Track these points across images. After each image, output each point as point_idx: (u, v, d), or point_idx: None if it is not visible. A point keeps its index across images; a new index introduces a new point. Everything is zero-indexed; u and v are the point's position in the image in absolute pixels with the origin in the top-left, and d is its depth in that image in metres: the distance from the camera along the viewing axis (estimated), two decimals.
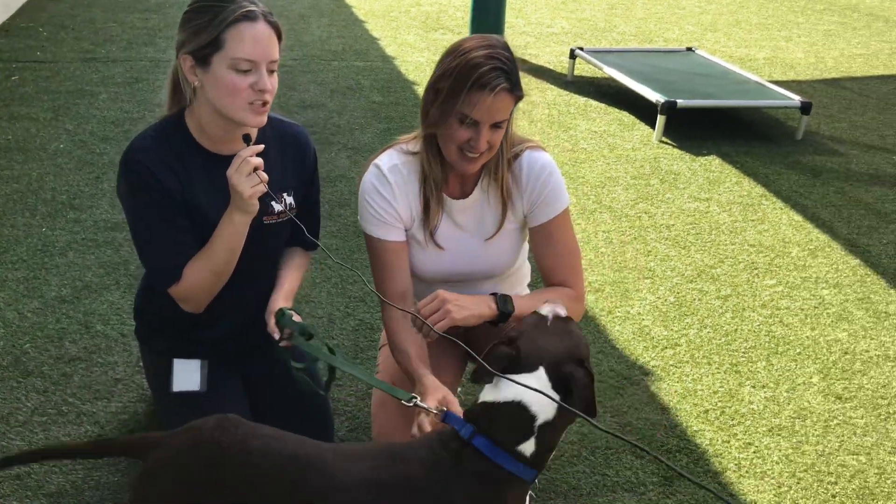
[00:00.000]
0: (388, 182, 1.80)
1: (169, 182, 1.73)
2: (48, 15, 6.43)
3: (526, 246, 1.98)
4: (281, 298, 1.89)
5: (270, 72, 1.69)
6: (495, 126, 1.69)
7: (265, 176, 1.66)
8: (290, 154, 1.91)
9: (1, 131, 4.13)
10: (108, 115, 4.42)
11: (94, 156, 3.91)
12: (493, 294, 1.75)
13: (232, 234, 1.72)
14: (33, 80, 4.92)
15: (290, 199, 1.90)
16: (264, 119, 1.73)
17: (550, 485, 2.11)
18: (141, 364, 2.43)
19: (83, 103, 4.59)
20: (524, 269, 2.04)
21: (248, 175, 1.63)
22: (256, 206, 1.68)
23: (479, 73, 1.63)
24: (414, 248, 1.87)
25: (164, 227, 1.75)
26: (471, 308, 1.70)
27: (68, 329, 2.61)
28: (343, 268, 3.08)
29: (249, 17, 1.65)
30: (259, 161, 1.64)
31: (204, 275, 1.75)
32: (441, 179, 1.80)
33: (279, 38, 1.72)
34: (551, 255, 1.85)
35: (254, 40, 1.64)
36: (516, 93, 1.69)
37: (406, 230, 1.85)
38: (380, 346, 2.04)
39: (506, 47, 1.69)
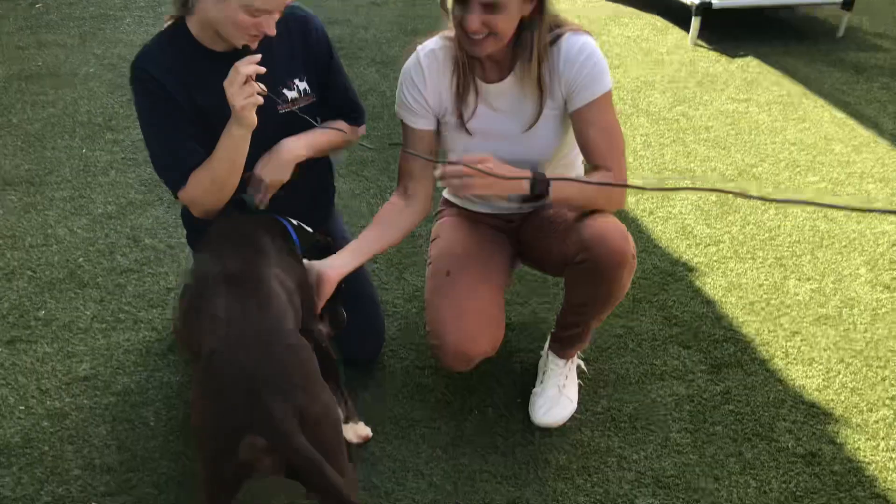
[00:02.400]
0: (422, 69, 1.82)
1: (174, 88, 1.73)
2: None
3: (576, 152, 1.96)
4: (301, 144, 1.85)
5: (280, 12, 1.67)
6: (488, 7, 1.63)
7: (259, 87, 1.63)
8: (295, 39, 1.87)
9: (31, 58, 4.13)
10: (134, 39, 4.39)
11: (124, 79, 3.87)
12: (535, 173, 1.72)
13: (231, 146, 1.71)
14: (56, 6, 4.89)
15: (303, 85, 1.88)
16: (256, 43, 1.71)
17: (599, 374, 2.14)
18: None
19: (108, 28, 4.56)
20: (576, 164, 2.01)
21: (242, 86, 1.60)
22: (252, 118, 1.66)
23: None
24: (449, 134, 1.88)
25: (170, 133, 1.76)
26: (500, 187, 1.68)
27: (117, 243, 2.66)
28: (381, 178, 3.09)
29: None
30: (252, 70, 1.60)
31: (206, 183, 1.76)
32: (470, 63, 1.78)
33: None
34: (592, 138, 1.79)
35: None
36: None
37: (437, 118, 1.86)
38: (431, 239, 2.05)
39: None
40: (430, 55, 1.81)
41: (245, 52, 1.67)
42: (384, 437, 1.95)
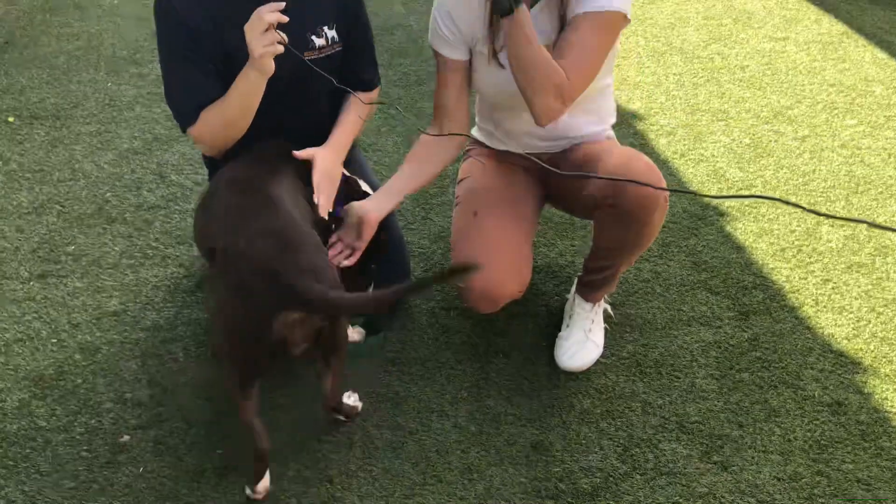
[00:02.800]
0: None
1: (200, 23, 1.69)
2: None
3: (608, 80, 1.91)
4: (329, 149, 1.84)
5: None
6: None
7: (280, 36, 1.59)
8: None
9: None
10: None
11: (148, 11, 3.77)
12: None
13: (245, 90, 1.68)
14: None
15: (331, 33, 1.84)
16: None
17: (625, 319, 2.13)
18: None
19: None
20: (606, 106, 1.96)
21: (263, 32, 1.56)
22: (270, 66, 1.62)
23: None
24: (478, 64, 1.83)
25: (187, 68, 1.73)
26: None
27: (144, 179, 2.66)
28: (407, 116, 3.05)
29: None
30: (274, 18, 1.56)
31: (217, 123, 1.74)
32: None
33: None
34: (566, 42, 1.66)
35: None
36: None
37: (470, 48, 1.82)
38: (458, 180, 2.03)
39: None
40: None
41: None
42: (409, 377, 1.97)
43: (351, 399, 1.83)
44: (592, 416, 1.87)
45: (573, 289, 2.07)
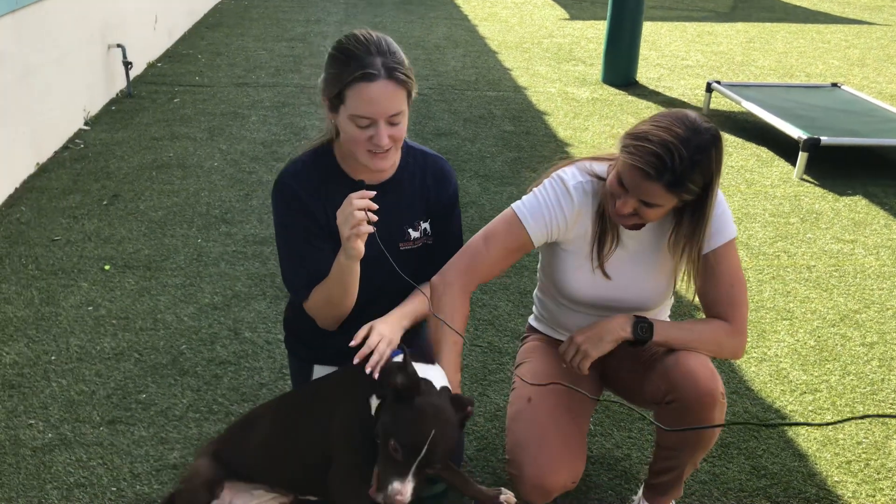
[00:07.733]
0: (571, 198, 1.84)
1: (314, 206, 1.84)
2: (206, 43, 6.94)
3: (671, 299, 1.98)
4: (393, 317, 1.86)
5: (393, 124, 1.75)
6: (644, 202, 1.71)
7: (371, 217, 1.67)
8: (430, 187, 1.96)
9: (164, 149, 4.48)
10: (257, 137, 4.72)
11: (244, 174, 4.18)
12: (635, 316, 1.77)
13: (339, 272, 1.78)
14: (192, 102, 5.32)
15: (425, 225, 1.96)
16: (386, 163, 1.80)
17: None
18: (284, 370, 2.58)
19: (235, 125, 4.91)
20: (669, 301, 2.02)
21: (350, 216, 1.67)
22: (358, 249, 1.71)
23: (647, 161, 1.65)
24: (580, 270, 1.90)
25: (303, 248, 1.86)
26: (606, 339, 1.80)
27: (219, 334, 2.80)
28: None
29: (367, 77, 1.70)
30: (365, 204, 1.67)
31: (322, 301, 1.85)
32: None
33: (408, 89, 1.75)
34: (713, 287, 1.82)
35: (370, 100, 1.70)
36: (676, 191, 1.68)
37: (548, 241, 1.88)
38: (515, 364, 2.07)
39: (688, 144, 1.66)
40: (579, 188, 1.85)
41: (382, 187, 1.76)
42: None
43: None
44: None
45: (640, 493, 2.03)
